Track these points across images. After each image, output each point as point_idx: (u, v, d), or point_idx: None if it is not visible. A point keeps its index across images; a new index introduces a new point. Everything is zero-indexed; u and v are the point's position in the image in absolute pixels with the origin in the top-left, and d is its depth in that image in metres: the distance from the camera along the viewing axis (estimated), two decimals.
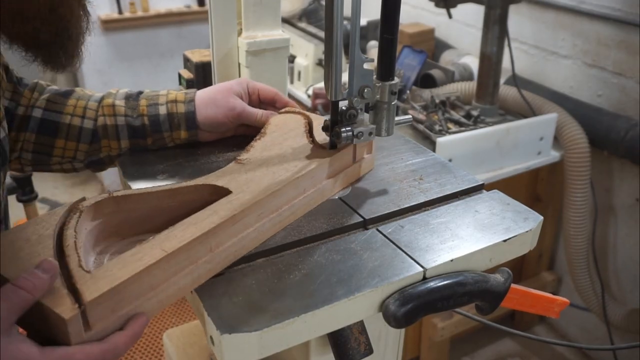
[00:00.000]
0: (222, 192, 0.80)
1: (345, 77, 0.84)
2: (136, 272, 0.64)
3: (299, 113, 1.05)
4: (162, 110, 1.00)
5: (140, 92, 1.03)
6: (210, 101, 1.01)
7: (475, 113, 2.11)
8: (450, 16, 2.22)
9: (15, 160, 0.99)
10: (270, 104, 1.08)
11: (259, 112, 1.03)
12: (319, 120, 1.01)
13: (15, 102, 0.98)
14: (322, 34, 2.69)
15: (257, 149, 0.93)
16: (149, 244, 0.69)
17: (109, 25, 3.44)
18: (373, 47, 2.79)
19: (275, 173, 0.84)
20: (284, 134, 0.97)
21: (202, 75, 1.59)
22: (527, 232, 0.84)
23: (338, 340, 0.82)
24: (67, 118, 0.98)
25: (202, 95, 1.02)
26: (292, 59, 2.80)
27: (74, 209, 0.75)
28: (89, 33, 0.75)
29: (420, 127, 2.06)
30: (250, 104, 1.06)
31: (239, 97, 1.03)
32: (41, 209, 3.41)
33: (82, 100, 1.00)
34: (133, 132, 1.00)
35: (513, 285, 0.82)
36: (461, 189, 0.94)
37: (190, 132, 1.01)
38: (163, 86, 3.53)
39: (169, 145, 1.03)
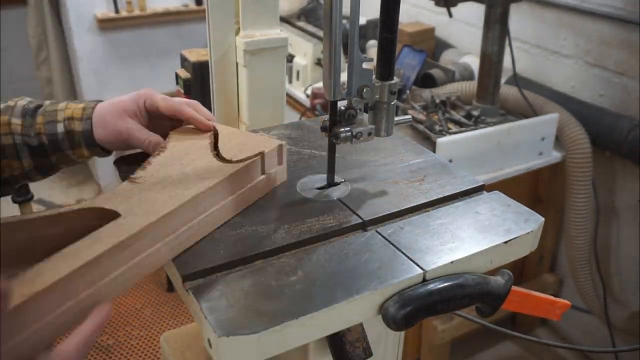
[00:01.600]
0: (110, 216, 0.72)
1: (344, 77, 0.84)
2: None
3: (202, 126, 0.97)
4: (60, 128, 0.94)
5: (39, 106, 0.96)
6: (101, 122, 0.94)
7: (475, 113, 2.11)
8: (450, 15, 2.22)
9: None
10: (175, 118, 0.98)
11: (146, 139, 0.93)
12: (226, 131, 0.96)
13: None
14: (320, 33, 2.69)
15: (155, 165, 0.86)
16: (17, 282, 0.59)
17: (105, 24, 3.44)
18: (372, 47, 2.79)
19: (172, 192, 0.77)
20: (185, 148, 0.91)
21: (199, 74, 1.59)
22: (528, 233, 0.84)
23: (337, 343, 0.81)
24: None
25: (97, 112, 0.95)
26: (290, 58, 2.80)
27: None
28: None
29: (420, 127, 2.06)
30: (152, 120, 0.97)
31: (132, 117, 0.94)
32: (37, 210, 3.41)
33: None
34: (33, 152, 0.94)
35: (514, 287, 0.82)
36: (461, 189, 0.94)
37: (92, 150, 0.95)
38: (160, 86, 3.56)
39: (78, 162, 0.98)
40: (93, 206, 0.74)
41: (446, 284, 0.75)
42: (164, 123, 0.98)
